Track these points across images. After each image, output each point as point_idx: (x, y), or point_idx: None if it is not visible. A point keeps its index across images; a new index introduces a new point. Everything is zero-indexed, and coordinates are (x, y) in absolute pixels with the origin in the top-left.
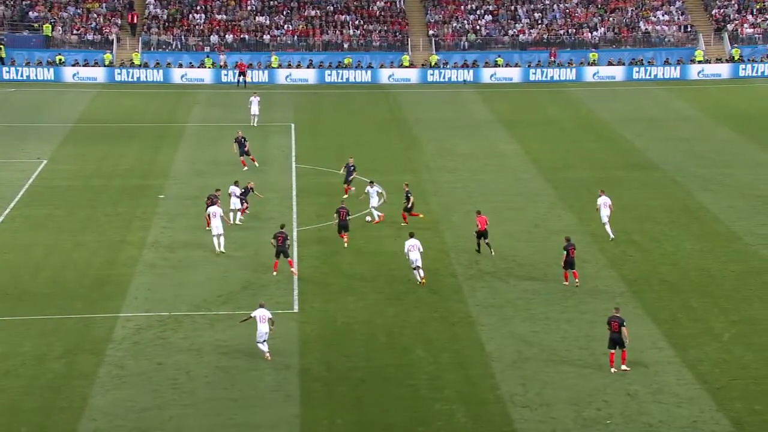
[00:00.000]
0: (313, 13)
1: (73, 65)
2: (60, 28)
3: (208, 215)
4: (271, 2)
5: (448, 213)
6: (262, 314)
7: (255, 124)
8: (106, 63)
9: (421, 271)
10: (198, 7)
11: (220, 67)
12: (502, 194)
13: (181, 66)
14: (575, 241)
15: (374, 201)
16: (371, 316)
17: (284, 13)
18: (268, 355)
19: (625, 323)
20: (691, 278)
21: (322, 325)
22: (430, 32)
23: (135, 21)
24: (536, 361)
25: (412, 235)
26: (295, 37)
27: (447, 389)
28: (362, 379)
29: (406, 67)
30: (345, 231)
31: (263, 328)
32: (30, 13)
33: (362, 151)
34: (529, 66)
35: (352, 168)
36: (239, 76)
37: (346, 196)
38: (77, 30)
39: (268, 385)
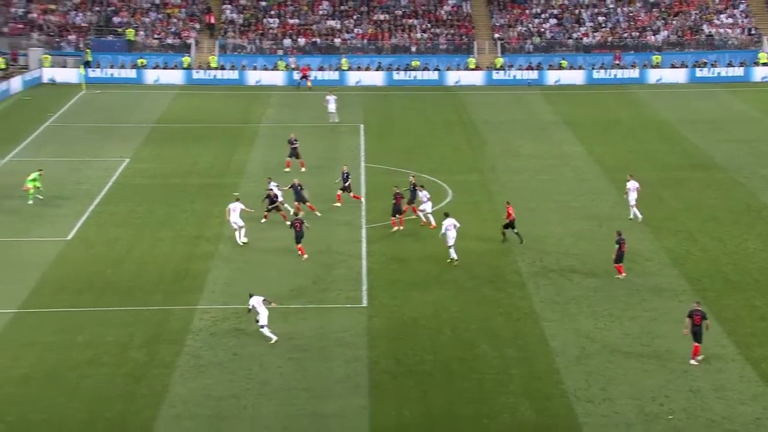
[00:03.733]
0: (382, 17)
1: (154, 68)
2: (142, 32)
3: (229, 210)
4: (342, 7)
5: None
6: (257, 301)
7: (332, 122)
8: (185, 66)
9: (452, 250)
10: (272, 12)
11: (291, 69)
12: (566, 194)
13: (255, 68)
14: (638, 239)
15: (428, 206)
16: (437, 311)
17: (354, 17)
18: (274, 339)
19: (707, 316)
20: (754, 277)
21: (390, 320)
22: (496, 35)
23: (213, 22)
24: (599, 357)
25: (447, 215)
26: (365, 40)
27: (512, 383)
28: (429, 372)
29: (472, 69)
30: (399, 214)
31: (265, 312)
32: (114, 18)
33: (429, 151)
34: (592, 68)
35: (347, 175)
36: (301, 78)
37: (338, 204)
38: (158, 34)
39: (338, 376)
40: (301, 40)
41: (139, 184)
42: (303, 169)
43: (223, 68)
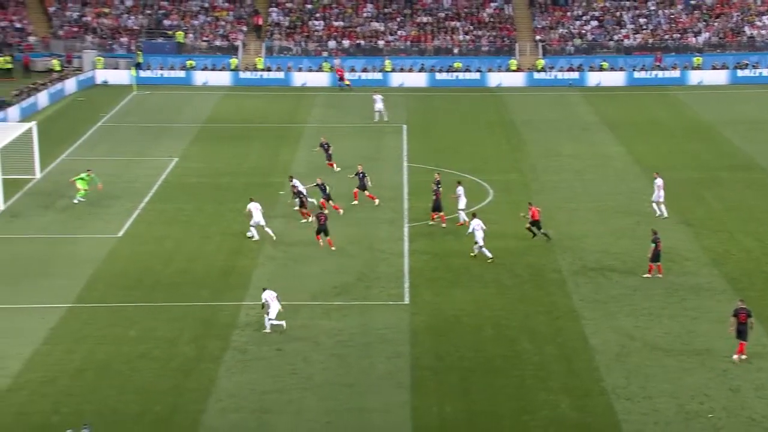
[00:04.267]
0: (425, 19)
1: (203, 69)
2: (191, 35)
3: (249, 211)
4: (386, 9)
5: (553, 212)
6: (270, 295)
7: (378, 120)
8: (232, 67)
9: (485, 249)
10: (317, 15)
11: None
12: (606, 194)
13: (300, 70)
14: (678, 239)
15: (462, 203)
16: (479, 308)
17: (398, 19)
18: (283, 326)
19: (752, 314)
20: None
21: (432, 317)
22: (537, 37)
23: (260, 24)
24: (639, 355)
25: (475, 216)
26: (408, 42)
27: (552, 380)
28: (470, 369)
29: (514, 71)
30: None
31: (276, 306)
32: (165, 21)
33: (470, 151)
34: (633, 70)
35: (362, 174)
36: (339, 80)
37: (356, 201)
38: (206, 37)
39: (381, 372)
40: (346, 42)
41: (187, 182)
42: (337, 169)
43: (269, 70)
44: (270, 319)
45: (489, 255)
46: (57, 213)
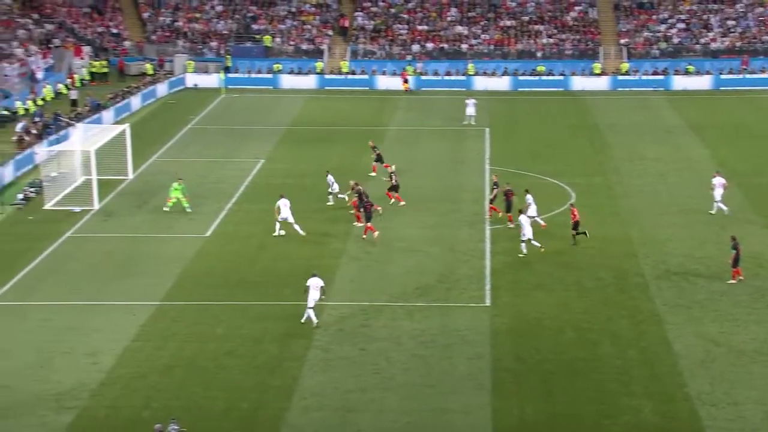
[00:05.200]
0: (509, 23)
1: (289, 73)
2: (278, 39)
3: (278, 207)
4: (470, 13)
5: (637, 215)
6: (315, 283)
7: (467, 123)
8: (318, 71)
9: (534, 241)
10: (402, 16)
11: (418, 74)
12: (690, 197)
13: (384, 73)
14: (766, 244)
15: (532, 210)
16: (560, 311)
17: (482, 23)
18: (315, 322)
19: None
20: None
21: (513, 319)
22: (622, 41)
23: (346, 26)
24: (724, 361)
25: (521, 212)
26: (491, 46)
27: (634, 384)
28: (551, 372)
29: (597, 74)
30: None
31: (314, 295)
32: (253, 25)
33: (553, 154)
34: (720, 73)
35: (393, 175)
36: (404, 83)
37: (393, 201)
38: (293, 41)
39: (462, 373)
40: (429, 45)
41: (272, 183)
42: (373, 174)
43: (354, 73)
44: (309, 308)
45: (537, 244)
46: (148, 213)
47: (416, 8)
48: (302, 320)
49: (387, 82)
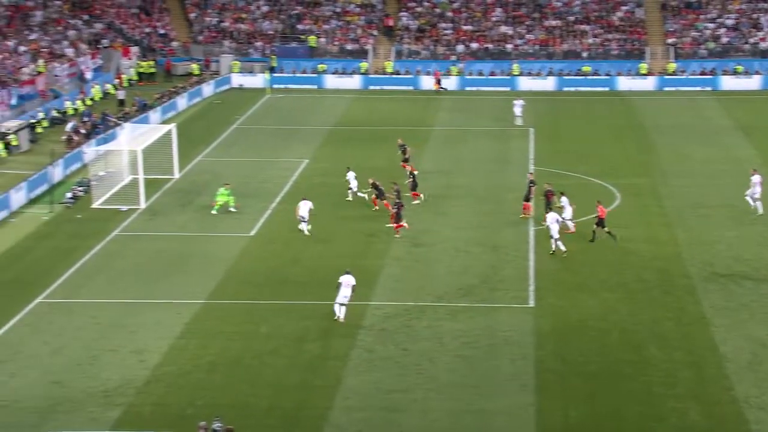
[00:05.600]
0: (554, 23)
1: (333, 73)
2: (323, 39)
3: (299, 206)
4: (515, 13)
5: (683, 216)
6: (347, 280)
7: (516, 124)
8: (362, 71)
9: (560, 243)
10: (447, 15)
11: (464, 75)
12: (738, 198)
13: (429, 74)
14: None
15: (567, 213)
16: (605, 313)
17: (527, 23)
18: (341, 318)
19: None
20: None
21: (557, 320)
22: (669, 41)
23: (391, 25)
24: None
25: (551, 209)
26: (536, 46)
27: (680, 387)
28: (596, 373)
29: (644, 74)
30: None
31: (345, 292)
32: (298, 26)
33: (598, 154)
34: None
35: (412, 175)
36: (436, 83)
37: (416, 201)
38: (338, 41)
39: (505, 374)
40: (474, 45)
41: (317, 183)
42: (415, 173)
43: (398, 73)
44: (341, 303)
45: (563, 248)
46: (193, 212)
47: (461, 8)
48: (335, 317)
49: (431, 82)
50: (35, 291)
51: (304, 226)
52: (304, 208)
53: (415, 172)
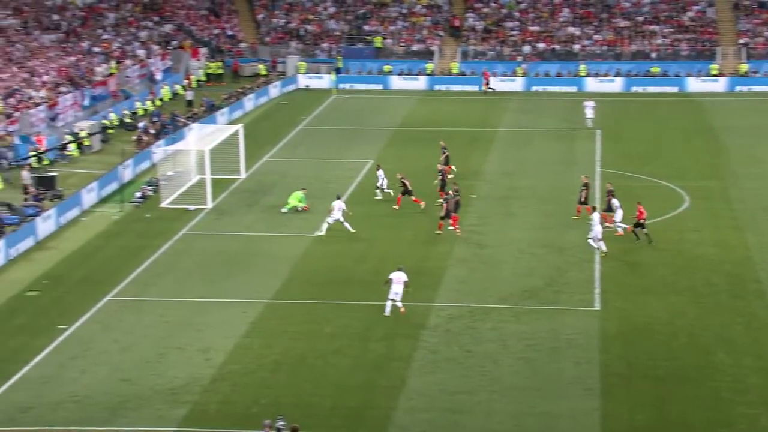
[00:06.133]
0: (622, 23)
1: (399, 74)
2: (389, 40)
3: (333, 207)
4: (583, 12)
5: (754, 220)
6: (398, 277)
7: (587, 126)
8: (428, 72)
9: (603, 244)
10: (514, 14)
11: (531, 76)
12: None
13: (495, 74)
14: None
15: (618, 215)
16: (672, 317)
17: (594, 23)
18: (390, 313)
19: None
20: None
21: (623, 323)
22: (741, 41)
23: (458, 25)
24: None
25: (594, 209)
26: (604, 47)
27: (750, 393)
28: (663, 378)
29: (714, 75)
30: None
31: (396, 289)
32: (365, 26)
33: (666, 157)
34: None
35: (441, 174)
36: (485, 84)
37: (399, 207)
38: (404, 42)
39: (569, 377)
40: (541, 45)
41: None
42: (450, 175)
43: (464, 74)
44: (392, 300)
45: (604, 248)
46: (259, 212)
47: (528, 8)
48: (384, 313)
49: (497, 83)
50: (105, 289)
51: (324, 227)
52: (337, 210)
53: (449, 175)
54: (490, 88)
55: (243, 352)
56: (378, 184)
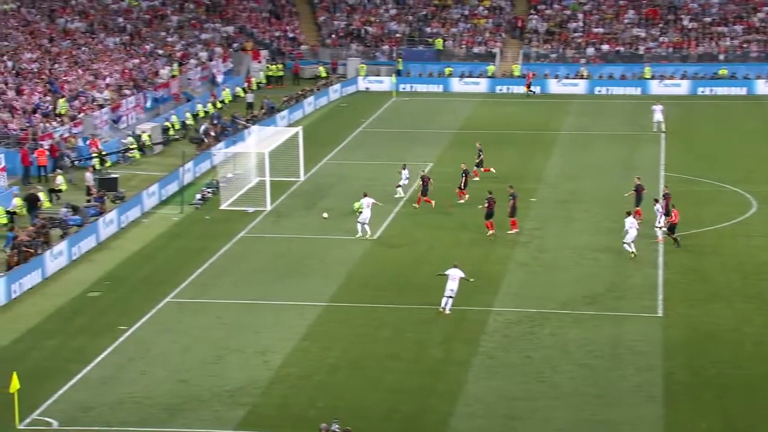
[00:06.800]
0: (689, 25)
1: (460, 76)
2: (450, 42)
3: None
4: (648, 13)
5: None
6: (454, 273)
7: (656, 131)
8: (489, 74)
9: (633, 246)
10: (577, 16)
11: (594, 78)
12: None
13: (557, 77)
14: None
15: (661, 221)
16: (739, 324)
17: (660, 25)
18: (446, 310)
19: None
20: None
21: (687, 331)
22: None
23: (522, 26)
24: None
25: (629, 214)
26: (670, 49)
27: None
28: (729, 386)
29: None
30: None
31: (452, 285)
32: (426, 28)
33: (733, 161)
34: None
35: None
36: (527, 86)
37: (461, 200)
38: (465, 44)
39: (631, 385)
40: (605, 47)
41: (440, 187)
42: (476, 178)
43: (524, 76)
44: (445, 295)
45: (634, 250)
46: (318, 215)
47: (592, 10)
48: (440, 309)
49: (559, 86)
50: (165, 290)
51: (365, 228)
52: (367, 209)
53: (469, 175)
54: (531, 91)
55: (300, 354)
56: (399, 182)
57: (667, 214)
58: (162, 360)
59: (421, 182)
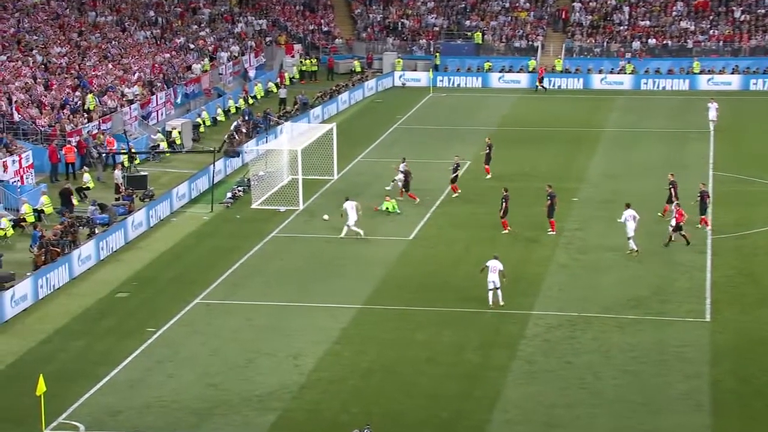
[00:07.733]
0: (742, 17)
1: (500, 71)
2: (489, 36)
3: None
4: (698, 5)
5: None
6: (494, 265)
7: (712, 129)
8: (530, 69)
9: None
10: (623, 8)
11: (640, 73)
12: None
13: (601, 72)
14: None
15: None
16: None
17: (710, 17)
18: (500, 302)
19: None
20: None
21: (737, 336)
22: None
23: (566, 17)
24: None
25: (629, 206)
26: (720, 42)
27: None
28: None
29: None
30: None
31: (492, 277)
32: (465, 22)
33: None
34: None
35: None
36: (539, 81)
37: (455, 194)
38: (505, 38)
39: (678, 392)
40: (652, 41)
41: (478, 186)
42: (488, 176)
43: (568, 71)
44: (490, 289)
45: (634, 248)
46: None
47: (638, 2)
48: (490, 304)
49: (603, 83)
50: (194, 290)
51: (351, 229)
52: (352, 211)
53: (460, 169)
54: (542, 86)
55: (333, 358)
56: (395, 178)
57: (703, 212)
58: (191, 363)
59: (403, 176)
